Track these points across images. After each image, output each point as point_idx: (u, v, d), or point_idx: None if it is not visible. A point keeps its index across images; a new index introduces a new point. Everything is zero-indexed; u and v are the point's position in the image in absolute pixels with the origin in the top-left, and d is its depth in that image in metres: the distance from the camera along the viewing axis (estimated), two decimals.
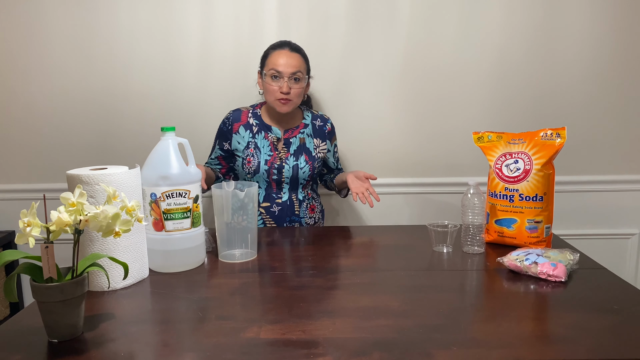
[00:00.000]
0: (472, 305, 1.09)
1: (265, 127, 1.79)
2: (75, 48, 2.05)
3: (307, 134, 1.82)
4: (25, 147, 2.14)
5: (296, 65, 1.70)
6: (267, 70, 1.71)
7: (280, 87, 1.68)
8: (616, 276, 1.24)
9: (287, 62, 1.69)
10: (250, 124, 1.79)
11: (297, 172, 1.78)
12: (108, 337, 0.95)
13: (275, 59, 1.70)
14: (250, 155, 1.76)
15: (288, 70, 1.68)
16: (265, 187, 1.79)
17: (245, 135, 1.78)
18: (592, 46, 2.06)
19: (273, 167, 1.76)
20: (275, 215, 1.78)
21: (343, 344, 0.92)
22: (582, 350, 0.89)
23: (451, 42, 2.06)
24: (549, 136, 1.42)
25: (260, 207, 1.78)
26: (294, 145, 1.79)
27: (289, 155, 1.78)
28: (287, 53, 1.71)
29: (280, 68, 1.68)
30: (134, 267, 1.21)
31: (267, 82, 1.71)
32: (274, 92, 1.69)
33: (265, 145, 1.77)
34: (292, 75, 1.69)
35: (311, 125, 1.83)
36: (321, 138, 1.84)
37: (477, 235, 1.42)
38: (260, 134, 1.78)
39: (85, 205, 0.92)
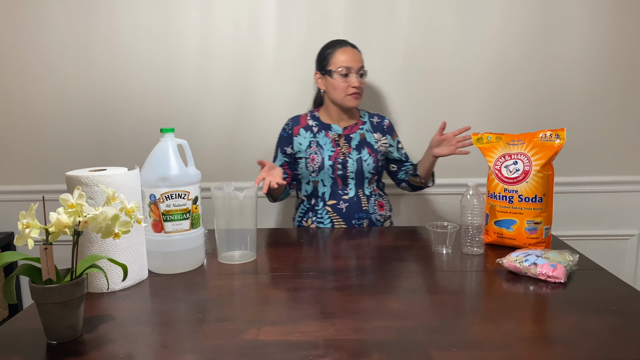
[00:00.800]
0: (472, 306, 1.09)
1: (324, 126, 1.83)
2: (75, 49, 2.05)
3: (367, 130, 1.84)
4: (24, 149, 2.13)
5: (360, 60, 1.76)
6: (335, 68, 1.74)
7: (351, 82, 1.73)
8: (615, 277, 1.24)
9: (353, 57, 1.74)
10: (309, 125, 1.83)
11: (362, 165, 1.79)
12: (107, 338, 0.95)
13: (341, 56, 1.74)
14: (313, 153, 1.79)
15: (356, 65, 1.73)
16: (331, 184, 1.80)
17: (307, 136, 1.81)
18: (590, 48, 2.06)
19: (337, 162, 1.78)
20: (343, 213, 1.78)
21: (343, 345, 0.91)
22: (582, 351, 0.89)
23: (450, 43, 2.07)
24: (548, 137, 1.42)
25: (327, 206, 1.79)
26: (354, 140, 1.81)
27: (351, 149, 1.80)
28: (350, 50, 1.76)
29: (349, 64, 1.73)
30: (133, 269, 1.21)
31: (336, 80, 1.74)
32: (345, 89, 1.74)
33: (327, 142, 1.80)
34: (359, 69, 1.74)
35: (369, 122, 1.86)
36: (381, 133, 1.86)
37: (477, 236, 1.42)
38: (321, 132, 1.81)
39: (84, 206, 0.92)
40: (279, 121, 2.11)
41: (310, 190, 1.83)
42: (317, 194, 1.82)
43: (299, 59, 2.07)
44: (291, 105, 2.11)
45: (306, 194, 1.85)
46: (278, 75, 2.09)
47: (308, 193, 1.84)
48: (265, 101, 2.11)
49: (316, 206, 1.81)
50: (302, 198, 1.87)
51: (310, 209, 1.83)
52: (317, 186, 1.82)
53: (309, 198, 1.84)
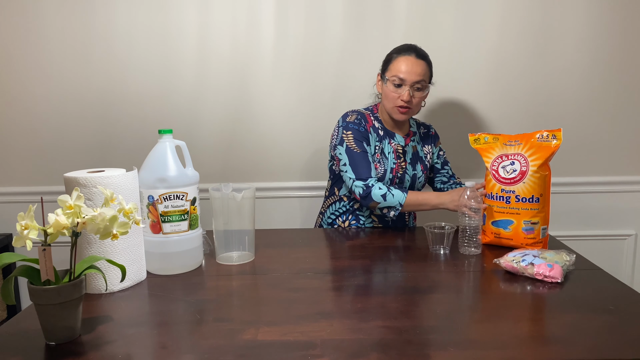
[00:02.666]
0: (469, 306, 1.10)
1: (389, 133, 1.73)
2: (73, 50, 2.05)
3: (417, 142, 1.78)
4: (22, 150, 2.13)
5: (421, 73, 1.61)
6: (389, 75, 1.63)
7: (401, 95, 1.61)
8: (612, 277, 1.24)
9: (411, 69, 1.60)
10: (376, 127, 1.71)
11: (415, 182, 1.75)
12: (105, 339, 0.95)
13: (400, 65, 1.62)
14: (376, 161, 1.68)
15: (412, 78, 1.60)
16: None
17: (373, 139, 1.70)
18: (588, 48, 2.07)
19: (397, 176, 1.71)
20: (389, 224, 1.76)
21: (340, 345, 0.92)
22: (579, 350, 0.89)
23: (448, 44, 2.07)
24: (545, 138, 1.43)
25: (374, 215, 1.75)
26: (409, 154, 1.74)
27: (407, 163, 1.74)
28: (412, 60, 1.62)
29: (403, 75, 1.60)
30: (132, 270, 1.21)
31: (388, 87, 1.64)
32: (394, 100, 1.63)
33: (391, 151, 1.71)
34: (415, 83, 1.61)
35: (417, 133, 1.80)
36: (428, 144, 1.81)
37: (474, 236, 1.42)
38: (386, 139, 1.71)
39: (82, 207, 0.92)
40: (278, 121, 2.12)
41: None
42: None
43: (297, 59, 2.08)
44: (290, 105, 2.11)
45: (349, 195, 1.75)
46: (276, 76, 2.09)
47: (352, 196, 1.75)
48: (263, 102, 2.11)
49: (359, 210, 1.75)
50: (341, 197, 1.77)
51: (351, 211, 1.76)
52: None
53: (350, 199, 1.76)
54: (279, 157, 2.16)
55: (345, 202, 1.77)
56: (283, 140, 2.15)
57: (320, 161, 2.15)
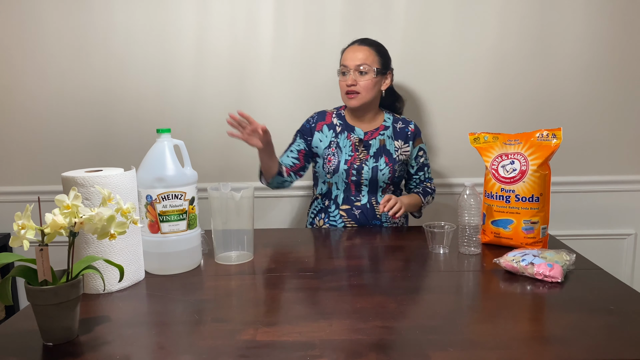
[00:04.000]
0: (469, 306, 1.09)
1: (348, 127, 1.79)
2: (71, 49, 2.05)
3: (388, 136, 1.79)
4: (20, 149, 2.13)
5: (361, 57, 1.69)
6: (339, 67, 1.74)
7: (346, 81, 1.70)
8: (612, 276, 1.24)
9: (353, 55, 1.70)
10: (333, 124, 1.79)
11: (377, 174, 1.75)
12: (103, 340, 0.95)
13: (344, 55, 1.73)
14: (331, 154, 1.76)
15: (353, 63, 1.69)
16: (344, 189, 1.77)
17: (328, 135, 1.78)
18: (587, 48, 2.07)
19: (352, 168, 1.74)
20: (357, 219, 1.76)
21: (340, 345, 0.91)
22: (579, 350, 0.89)
23: (447, 43, 2.07)
24: (545, 137, 1.43)
25: (340, 210, 1.77)
26: (373, 147, 1.77)
27: (369, 156, 1.76)
28: (354, 47, 1.73)
29: (346, 62, 1.71)
30: (130, 270, 1.21)
31: (339, 79, 1.74)
32: (343, 87, 1.72)
33: (347, 145, 1.76)
34: (357, 67, 1.69)
35: (392, 127, 1.80)
36: (403, 140, 1.80)
37: (474, 236, 1.42)
38: (343, 134, 1.78)
39: (80, 207, 0.92)
40: (276, 121, 2.11)
41: (325, 190, 1.81)
42: (330, 196, 1.79)
43: (296, 58, 2.07)
44: (288, 105, 2.10)
45: (321, 192, 1.82)
46: (275, 75, 2.09)
47: (323, 192, 1.81)
48: (262, 101, 2.10)
49: (329, 208, 1.79)
50: (317, 195, 1.84)
51: (323, 209, 1.81)
52: (331, 188, 1.79)
53: (323, 197, 1.82)
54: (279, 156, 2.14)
55: (320, 199, 1.82)
56: (282, 140, 2.13)
57: None
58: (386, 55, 1.76)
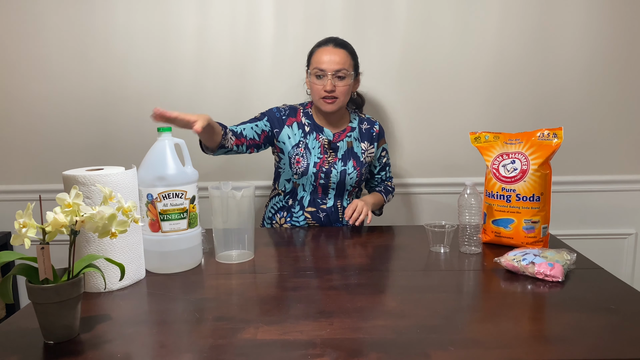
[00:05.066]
0: (470, 305, 1.09)
1: (317, 128, 1.74)
2: (72, 48, 2.05)
3: (354, 138, 1.77)
4: (21, 148, 2.13)
5: (340, 61, 1.64)
6: (311, 69, 1.68)
7: (324, 85, 1.64)
8: (613, 276, 1.24)
9: (330, 59, 1.64)
10: (302, 123, 1.74)
11: (345, 178, 1.73)
12: (104, 338, 0.95)
13: (319, 57, 1.66)
14: (300, 155, 1.71)
15: (331, 67, 1.63)
16: (311, 192, 1.74)
17: (297, 134, 1.73)
18: (588, 47, 2.07)
19: (321, 171, 1.71)
20: (322, 221, 1.75)
21: (340, 344, 0.91)
22: (579, 350, 0.89)
23: (448, 43, 2.07)
24: (546, 136, 1.43)
25: (306, 212, 1.75)
26: (341, 150, 1.74)
27: (337, 159, 1.73)
28: (330, 50, 1.66)
29: (323, 66, 1.64)
30: (131, 268, 1.21)
31: (312, 81, 1.68)
32: (319, 91, 1.66)
33: (316, 146, 1.73)
34: (336, 72, 1.64)
35: (358, 128, 1.78)
36: (369, 141, 1.79)
37: (474, 235, 1.42)
38: (312, 134, 1.73)
39: (81, 206, 0.92)
40: None
41: (289, 189, 1.77)
42: (295, 196, 1.76)
43: (296, 58, 2.07)
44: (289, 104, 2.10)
45: (284, 189, 1.78)
46: (275, 74, 2.09)
47: (286, 190, 1.77)
48: (262, 100, 2.10)
49: (292, 208, 1.76)
50: (279, 191, 1.80)
51: (285, 208, 1.78)
52: (297, 189, 1.75)
53: (285, 195, 1.78)
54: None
55: (281, 196, 1.79)
56: None
57: None
58: (357, 57, 1.73)
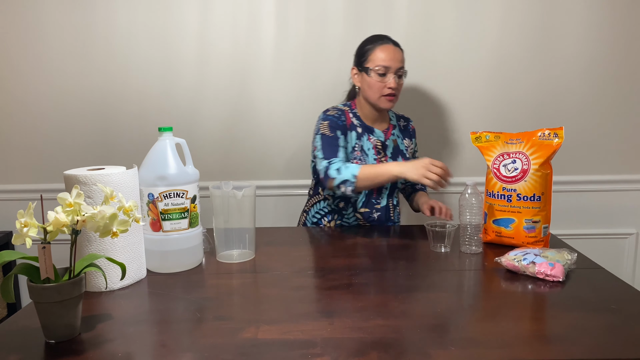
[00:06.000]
0: (470, 305, 1.09)
1: (367, 129, 1.71)
2: (73, 48, 2.05)
3: (397, 135, 1.76)
4: (22, 147, 2.13)
5: (401, 59, 1.65)
6: (372, 65, 1.63)
7: (387, 83, 1.62)
8: (613, 276, 1.24)
9: (394, 56, 1.63)
10: (354, 125, 1.70)
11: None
12: (105, 337, 0.95)
13: (381, 54, 1.63)
14: (357, 158, 1.68)
15: (395, 65, 1.63)
16: (367, 193, 1.71)
17: (352, 137, 1.69)
18: (589, 47, 2.06)
19: None
20: (375, 221, 1.74)
21: (341, 344, 0.91)
22: (580, 350, 0.89)
23: (449, 42, 2.07)
24: (547, 136, 1.43)
25: (357, 213, 1.73)
26: (389, 148, 1.72)
27: (388, 158, 1.72)
28: (392, 48, 1.64)
29: (387, 63, 1.62)
30: (132, 268, 1.21)
31: (372, 78, 1.64)
32: (380, 89, 1.63)
33: (370, 148, 1.70)
34: (399, 70, 1.64)
35: (397, 125, 1.77)
36: (408, 137, 1.79)
37: (475, 235, 1.42)
38: (364, 136, 1.70)
39: (82, 205, 0.92)
40: (278, 120, 2.11)
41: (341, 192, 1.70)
42: (348, 199, 1.72)
43: (297, 57, 2.07)
44: (290, 103, 2.10)
45: (332, 194, 1.73)
46: (276, 73, 2.09)
47: (337, 194, 1.72)
48: (263, 99, 2.10)
49: (344, 210, 1.74)
50: (325, 196, 1.76)
51: (336, 211, 1.75)
52: None
53: (335, 199, 1.74)
54: (280, 155, 2.15)
55: (330, 200, 1.76)
56: (283, 139, 2.14)
57: None
58: None
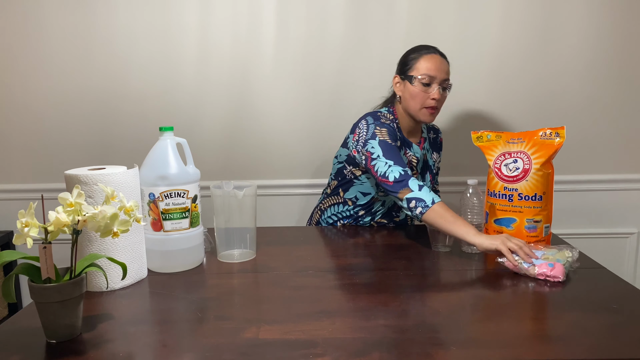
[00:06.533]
0: (471, 305, 1.09)
1: (406, 142, 1.65)
2: (74, 47, 2.05)
3: (427, 149, 1.72)
4: (23, 147, 2.13)
5: (447, 71, 1.59)
6: (417, 74, 1.56)
7: (431, 94, 1.56)
8: (615, 275, 1.24)
9: (440, 67, 1.56)
10: (397, 137, 1.61)
11: None
12: (106, 337, 0.95)
13: (427, 63, 1.56)
14: None
15: (441, 75, 1.56)
16: (389, 206, 1.69)
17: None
18: (591, 46, 2.06)
19: None
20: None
21: (342, 344, 0.91)
22: (581, 349, 0.89)
23: (450, 42, 2.06)
24: (548, 135, 1.42)
25: (374, 222, 1.71)
26: (419, 163, 1.68)
27: (417, 174, 1.69)
28: (439, 58, 1.58)
29: (433, 73, 1.55)
30: (133, 268, 1.21)
31: (416, 87, 1.56)
32: (423, 100, 1.56)
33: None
34: (444, 82, 1.57)
35: (427, 138, 1.73)
36: (437, 151, 1.77)
37: None
38: (401, 150, 1.63)
39: (83, 205, 0.92)
40: (279, 119, 2.11)
41: (364, 202, 1.68)
42: (370, 209, 1.69)
43: (298, 57, 2.07)
44: (290, 104, 2.10)
45: (355, 200, 1.69)
46: (277, 73, 2.08)
47: (358, 202, 1.68)
48: (264, 100, 2.10)
49: (362, 218, 1.71)
50: (345, 200, 1.71)
51: (354, 217, 1.71)
52: (375, 203, 1.68)
53: (356, 207, 1.70)
54: (281, 154, 2.15)
55: (350, 206, 1.70)
56: (284, 138, 2.14)
57: (322, 159, 2.14)
58: None
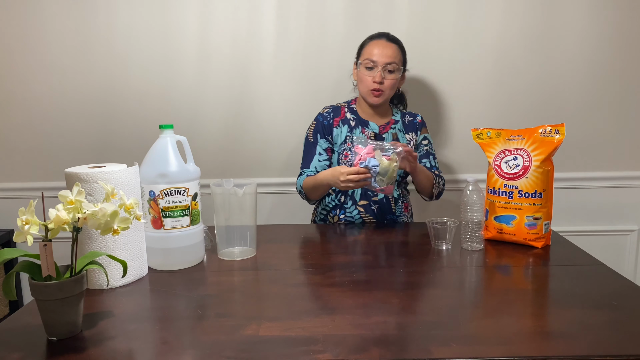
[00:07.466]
0: (471, 301, 1.09)
1: (362, 122, 1.76)
2: (74, 46, 2.05)
3: (399, 129, 1.78)
4: (23, 145, 2.13)
5: (391, 55, 1.67)
6: (362, 60, 1.70)
7: (373, 77, 1.67)
8: (615, 272, 1.24)
9: (382, 52, 1.67)
10: (347, 119, 1.77)
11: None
12: (107, 335, 0.95)
13: (371, 49, 1.69)
14: (347, 149, 1.73)
15: (382, 60, 1.66)
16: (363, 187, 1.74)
17: (343, 130, 1.75)
18: (591, 44, 2.06)
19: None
20: (375, 214, 1.75)
21: (342, 340, 0.92)
22: (581, 346, 0.89)
23: (450, 40, 2.06)
24: (548, 133, 1.42)
25: (358, 206, 1.75)
26: (387, 140, 1.75)
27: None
28: (383, 43, 1.69)
29: (374, 57, 1.66)
30: (133, 265, 1.21)
31: (361, 72, 1.70)
32: (367, 83, 1.68)
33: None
34: (387, 65, 1.66)
35: (401, 121, 1.80)
36: (413, 131, 1.81)
37: (476, 232, 1.42)
38: (357, 128, 1.75)
39: (83, 203, 0.92)
40: (279, 117, 2.11)
41: None
42: (346, 192, 1.76)
43: (298, 55, 2.07)
44: (290, 101, 2.10)
45: (334, 188, 1.76)
46: (277, 71, 2.08)
47: (336, 190, 1.76)
48: (264, 98, 2.10)
49: (345, 204, 1.76)
50: (329, 192, 1.79)
51: (338, 206, 1.77)
52: None
53: (337, 194, 1.77)
54: (281, 152, 2.15)
55: (333, 195, 1.79)
56: (284, 136, 2.14)
57: None
58: (406, 53, 1.76)
